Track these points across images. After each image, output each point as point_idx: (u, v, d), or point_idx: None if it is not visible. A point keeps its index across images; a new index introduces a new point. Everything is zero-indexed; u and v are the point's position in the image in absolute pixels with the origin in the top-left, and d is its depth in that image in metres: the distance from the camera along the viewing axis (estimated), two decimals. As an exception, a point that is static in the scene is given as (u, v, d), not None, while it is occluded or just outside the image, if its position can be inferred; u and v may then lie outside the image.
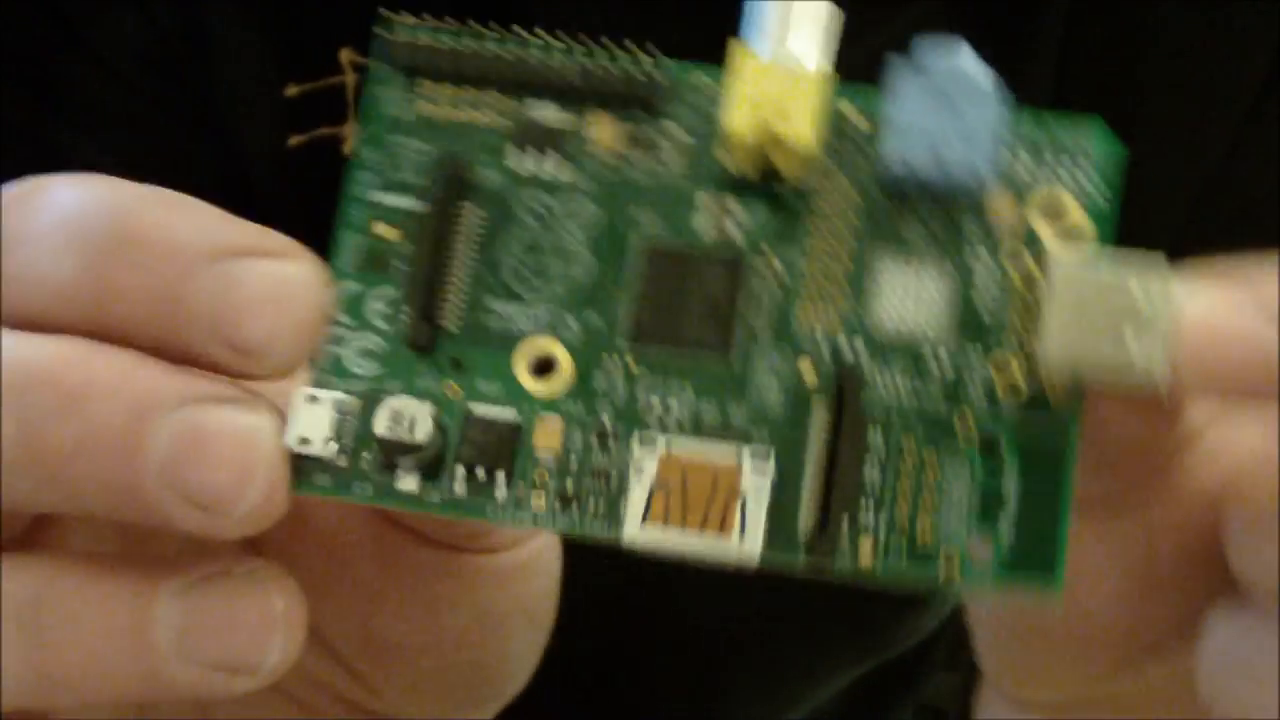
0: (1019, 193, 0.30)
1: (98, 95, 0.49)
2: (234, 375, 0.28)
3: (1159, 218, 0.31)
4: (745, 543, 0.28)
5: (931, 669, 0.41)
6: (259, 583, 0.29)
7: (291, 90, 0.31)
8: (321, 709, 0.35)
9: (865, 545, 0.29)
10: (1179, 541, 0.31)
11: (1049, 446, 0.29)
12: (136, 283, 0.28)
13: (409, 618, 0.34)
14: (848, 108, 0.31)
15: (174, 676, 0.28)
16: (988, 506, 0.29)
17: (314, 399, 0.29)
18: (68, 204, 0.28)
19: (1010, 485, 0.29)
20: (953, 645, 0.40)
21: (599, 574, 0.31)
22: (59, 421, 0.27)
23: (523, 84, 0.31)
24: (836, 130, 0.30)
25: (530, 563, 0.34)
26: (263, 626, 0.28)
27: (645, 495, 0.28)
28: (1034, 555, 0.29)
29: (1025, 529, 0.29)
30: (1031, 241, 0.30)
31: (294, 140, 0.31)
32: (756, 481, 0.28)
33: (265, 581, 0.29)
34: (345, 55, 0.31)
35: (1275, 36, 0.50)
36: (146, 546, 0.29)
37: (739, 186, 0.30)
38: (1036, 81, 0.50)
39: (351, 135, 0.31)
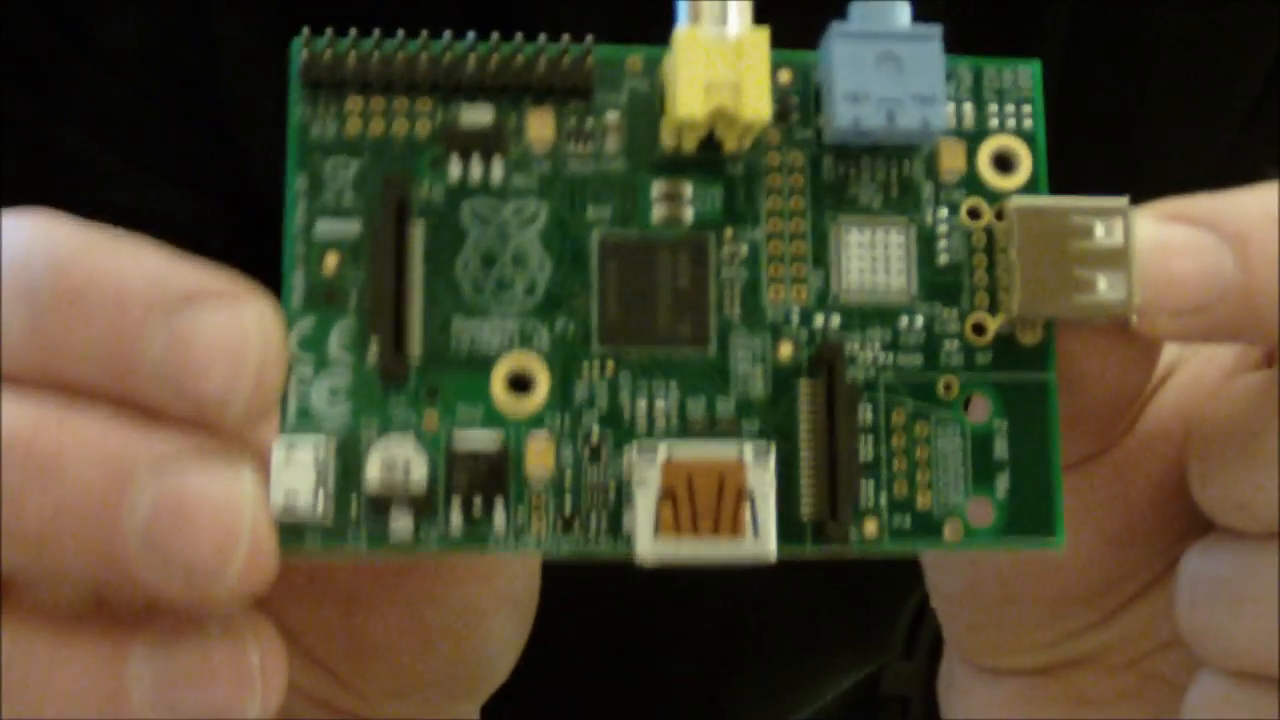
0: (968, 142, 0.30)
1: (101, 94, 0.47)
2: (201, 427, 0.27)
3: None
4: (759, 541, 0.28)
5: (888, 660, 0.42)
6: (234, 635, 0.28)
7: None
8: (304, 714, 0.34)
9: (870, 524, 0.29)
10: (1152, 485, 0.32)
11: (1031, 392, 0.30)
12: (86, 338, 0.26)
13: (391, 618, 0.33)
14: (786, 75, 0.30)
15: None
16: (981, 466, 0.29)
17: (291, 452, 0.27)
18: (11, 255, 0.26)
19: (1000, 439, 0.29)
20: (908, 633, 0.41)
21: (600, 575, 0.31)
22: (36, 490, 0.26)
23: (453, 85, 0.29)
24: (779, 99, 0.30)
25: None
26: (239, 681, 0.27)
27: (653, 507, 0.28)
28: (1032, 509, 0.29)
29: (1020, 483, 0.29)
30: (986, 190, 0.30)
31: None
32: (761, 476, 0.28)
33: (241, 633, 0.28)
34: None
35: (1278, 36, 0.50)
36: (119, 598, 0.28)
37: (688, 167, 0.30)
38: (1050, 47, 0.49)
39: None
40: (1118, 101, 0.50)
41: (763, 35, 0.28)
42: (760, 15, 0.29)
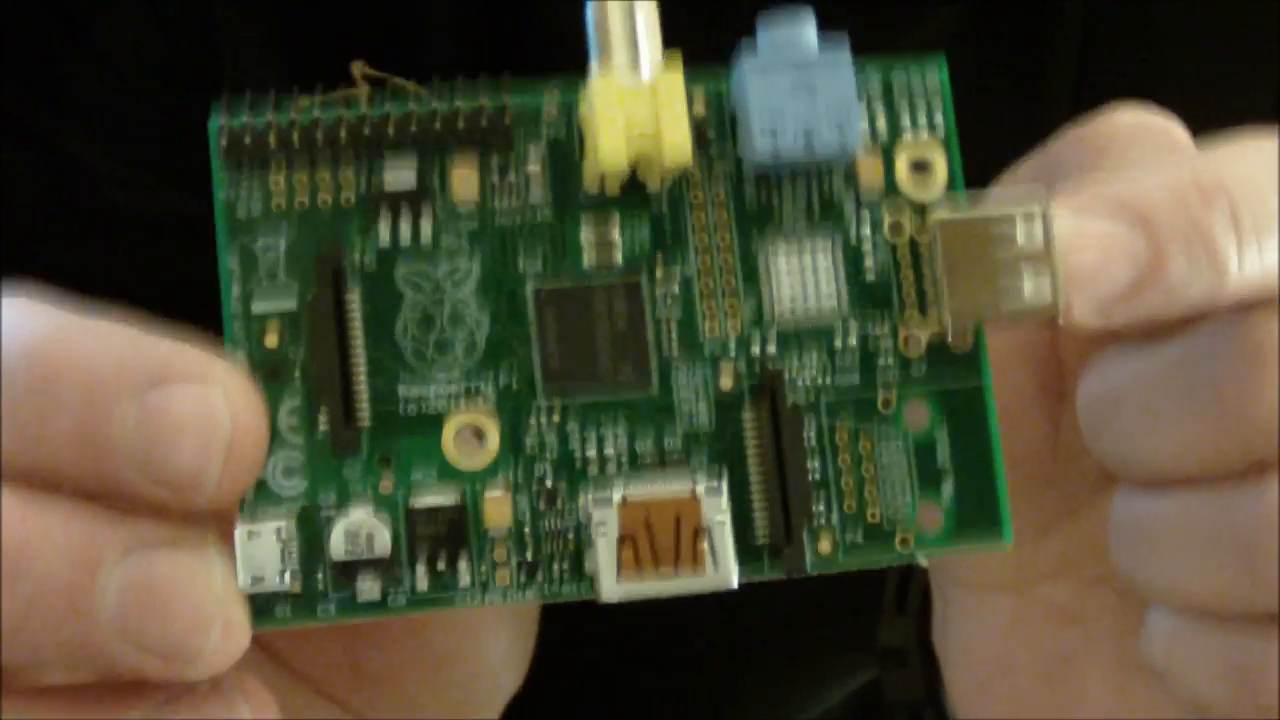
0: (884, 150, 0.32)
1: (102, 97, 0.49)
2: (175, 510, 0.29)
3: None
4: (719, 571, 0.30)
5: (881, 615, 0.45)
6: (224, 696, 0.30)
7: (303, 103, 0.31)
8: None
9: (824, 541, 0.32)
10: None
11: (967, 397, 0.32)
12: (59, 425, 0.28)
13: (393, 643, 0.35)
14: (700, 106, 0.32)
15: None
16: (926, 473, 0.32)
17: (253, 533, 0.30)
18: None
19: (941, 445, 0.32)
20: (899, 589, 0.44)
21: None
22: (7, 586, 0.28)
23: (374, 149, 0.31)
24: (696, 131, 0.32)
25: None
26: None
27: (614, 549, 0.30)
28: (979, 511, 0.32)
29: (964, 487, 0.32)
30: (907, 199, 0.32)
31: None
32: (716, 509, 0.30)
33: (230, 694, 0.30)
34: (357, 68, 0.31)
35: None
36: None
37: (613, 208, 0.32)
38: (1058, 77, 0.52)
39: None
40: (1135, 98, 0.52)
41: (676, 77, 0.30)
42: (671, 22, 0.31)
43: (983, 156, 0.33)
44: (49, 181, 0.48)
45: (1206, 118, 0.51)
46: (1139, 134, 0.34)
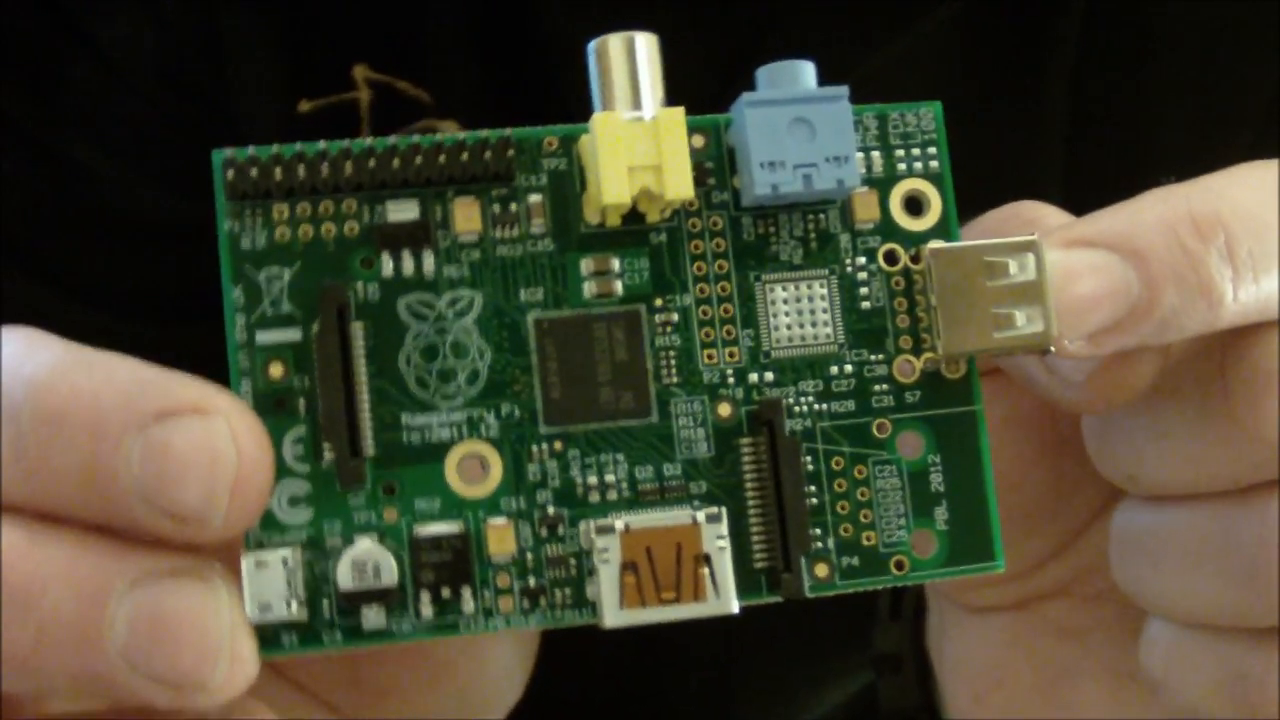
0: (879, 189, 0.33)
1: (101, 100, 0.49)
2: (182, 543, 0.29)
3: None
4: (720, 598, 0.31)
5: (876, 622, 0.46)
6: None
7: (304, 106, 0.32)
8: None
9: (821, 566, 0.32)
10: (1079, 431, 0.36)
11: (960, 424, 0.33)
12: (65, 461, 0.29)
13: (394, 655, 0.36)
14: (699, 140, 0.33)
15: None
16: (920, 499, 0.33)
17: (260, 563, 0.30)
18: None
19: (935, 472, 0.33)
20: (893, 597, 0.45)
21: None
22: (15, 621, 0.28)
23: (377, 184, 0.32)
24: (696, 166, 0.33)
25: None
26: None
27: (617, 577, 0.31)
28: (972, 537, 0.33)
29: (958, 513, 0.33)
30: (901, 234, 0.33)
31: None
32: (717, 539, 0.31)
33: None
34: (359, 71, 0.31)
35: None
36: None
37: (613, 241, 0.32)
38: (1054, 80, 0.52)
39: None
40: (1132, 102, 0.53)
41: (678, 114, 0.31)
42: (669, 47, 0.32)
43: (979, 155, 0.34)
44: (49, 184, 0.49)
45: (1198, 120, 0.51)
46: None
